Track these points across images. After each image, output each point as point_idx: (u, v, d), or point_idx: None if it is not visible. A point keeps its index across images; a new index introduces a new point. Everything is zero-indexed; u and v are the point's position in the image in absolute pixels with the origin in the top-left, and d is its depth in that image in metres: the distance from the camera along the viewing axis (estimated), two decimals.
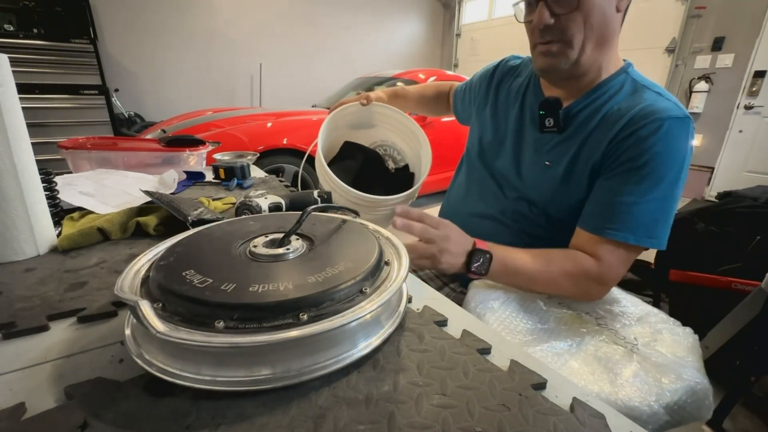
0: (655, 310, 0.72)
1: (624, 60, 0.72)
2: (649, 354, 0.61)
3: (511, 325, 0.64)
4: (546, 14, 0.62)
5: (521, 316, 0.66)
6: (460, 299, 0.80)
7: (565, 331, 0.65)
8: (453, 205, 0.93)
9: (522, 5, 0.68)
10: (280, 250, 0.43)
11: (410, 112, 1.23)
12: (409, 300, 0.48)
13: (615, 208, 0.64)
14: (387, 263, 0.44)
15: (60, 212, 0.70)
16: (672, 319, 0.71)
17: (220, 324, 0.32)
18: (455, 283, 0.87)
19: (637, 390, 0.55)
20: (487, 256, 0.63)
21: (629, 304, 0.73)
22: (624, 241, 0.63)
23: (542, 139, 0.74)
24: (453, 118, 1.15)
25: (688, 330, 0.69)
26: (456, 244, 0.62)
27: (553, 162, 0.72)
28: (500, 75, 0.88)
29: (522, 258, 0.67)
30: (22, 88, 0.66)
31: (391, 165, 1.29)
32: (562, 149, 0.71)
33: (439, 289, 0.84)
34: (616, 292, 0.75)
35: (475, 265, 0.63)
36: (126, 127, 3.68)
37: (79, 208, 0.74)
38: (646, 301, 0.75)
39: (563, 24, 0.62)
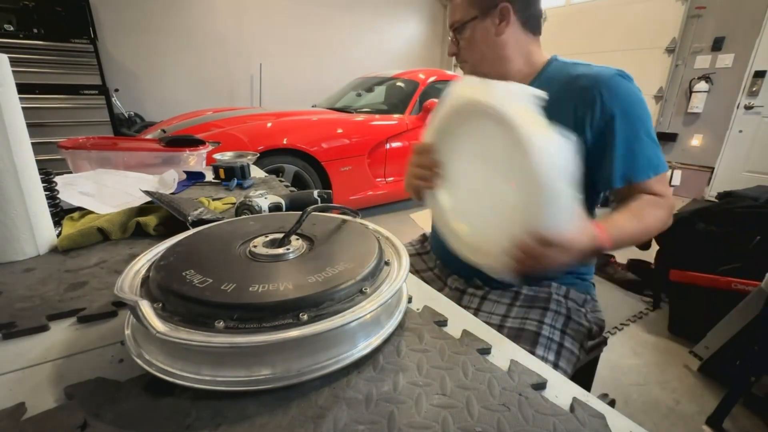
0: None
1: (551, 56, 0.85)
2: None
3: None
4: (452, 47, 0.86)
5: None
6: (460, 299, 0.80)
7: None
8: None
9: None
10: (280, 250, 0.43)
11: None
12: (409, 300, 0.48)
13: (637, 154, 0.73)
14: (387, 263, 0.44)
15: (60, 212, 0.70)
16: None
17: (220, 324, 0.32)
18: (456, 283, 0.87)
19: None
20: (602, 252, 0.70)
21: None
22: (664, 171, 0.76)
23: None
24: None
25: None
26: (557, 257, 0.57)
27: None
28: None
29: (623, 227, 0.71)
30: (22, 88, 0.66)
31: None
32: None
33: (439, 289, 0.84)
34: None
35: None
36: (126, 127, 3.68)
37: (79, 208, 0.74)
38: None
39: (461, 53, 0.85)
